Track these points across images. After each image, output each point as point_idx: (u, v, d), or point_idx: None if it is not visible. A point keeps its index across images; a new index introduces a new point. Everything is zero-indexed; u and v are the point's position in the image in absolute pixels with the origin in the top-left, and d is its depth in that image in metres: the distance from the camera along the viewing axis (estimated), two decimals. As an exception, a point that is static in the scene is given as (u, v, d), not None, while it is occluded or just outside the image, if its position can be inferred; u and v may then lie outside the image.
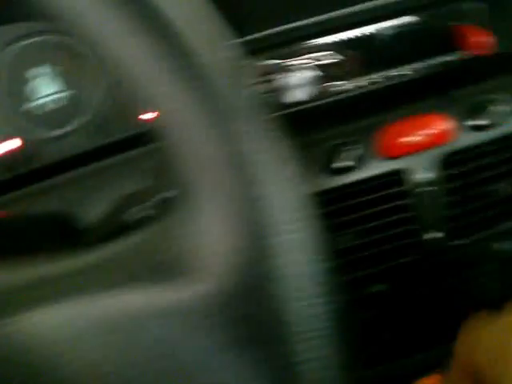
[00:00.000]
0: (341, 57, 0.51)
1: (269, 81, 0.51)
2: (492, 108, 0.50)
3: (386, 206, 0.50)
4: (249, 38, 0.49)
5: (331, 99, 0.53)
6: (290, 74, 0.51)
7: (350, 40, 0.51)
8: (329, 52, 0.51)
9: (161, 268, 0.23)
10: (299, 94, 0.51)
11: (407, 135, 0.49)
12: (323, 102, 0.53)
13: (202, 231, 0.23)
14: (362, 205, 0.50)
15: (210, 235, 0.22)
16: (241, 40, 0.50)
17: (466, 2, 0.52)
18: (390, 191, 0.50)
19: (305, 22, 0.49)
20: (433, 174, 0.50)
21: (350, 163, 0.49)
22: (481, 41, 0.51)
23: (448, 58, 0.53)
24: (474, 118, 0.50)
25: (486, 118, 0.50)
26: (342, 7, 0.49)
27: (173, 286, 0.22)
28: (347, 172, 0.49)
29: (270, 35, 0.49)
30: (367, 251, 0.51)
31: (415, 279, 0.53)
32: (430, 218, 0.51)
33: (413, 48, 0.53)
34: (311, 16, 0.49)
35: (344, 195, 0.50)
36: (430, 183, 0.50)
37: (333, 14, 0.49)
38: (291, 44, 0.50)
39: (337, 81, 0.52)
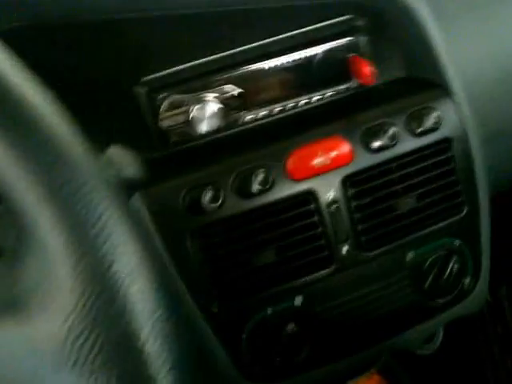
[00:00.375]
0: (245, 89, 0.56)
1: (179, 114, 0.55)
2: (386, 131, 0.54)
3: (299, 224, 0.54)
4: (159, 73, 0.53)
5: (239, 128, 0.57)
6: (199, 107, 0.55)
7: (252, 73, 0.56)
8: (234, 85, 0.55)
9: (5, 305, 0.25)
10: (208, 125, 0.55)
11: (312, 158, 0.53)
12: (232, 131, 0.57)
13: (46, 270, 0.25)
14: (277, 224, 0.54)
15: (52, 274, 0.25)
16: (152, 75, 0.54)
17: (355, 36, 0.57)
18: (302, 210, 0.54)
19: (210, 57, 0.53)
20: (339, 193, 0.54)
21: (262, 187, 0.52)
22: (370, 71, 0.55)
23: (343, 87, 0.58)
24: (371, 140, 0.54)
25: (381, 139, 0.54)
26: (245, 43, 0.54)
27: (18, 322, 0.25)
28: (260, 195, 0.52)
29: (178, 71, 0.53)
30: (284, 267, 0.55)
31: (331, 291, 0.57)
32: (340, 233, 0.55)
33: (309, 78, 0.58)
34: (216, 52, 0.54)
35: (259, 216, 0.53)
36: (337, 201, 0.54)
37: (236, 50, 0.53)
38: (198, 79, 0.55)
39: (242, 112, 0.57)
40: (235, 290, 0.54)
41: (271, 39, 0.56)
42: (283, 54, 0.56)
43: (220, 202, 0.51)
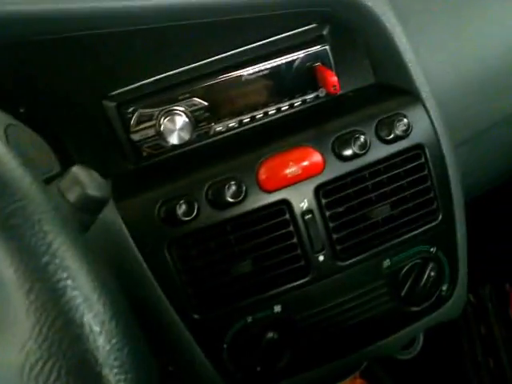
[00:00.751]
0: (213, 101, 0.56)
1: (149, 127, 0.55)
2: (357, 139, 0.54)
3: (274, 234, 0.54)
4: (126, 87, 0.53)
5: (210, 140, 0.57)
6: (169, 119, 0.55)
7: (220, 84, 0.56)
8: (202, 97, 0.55)
9: None
10: (179, 138, 0.55)
11: (284, 169, 0.53)
12: (202, 143, 0.57)
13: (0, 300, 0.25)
14: (252, 235, 0.54)
15: (7, 303, 0.25)
16: (120, 89, 0.54)
17: (321, 44, 0.57)
18: (276, 220, 0.54)
19: (177, 70, 0.53)
20: (313, 202, 0.54)
21: (235, 199, 0.52)
22: (336, 80, 0.55)
23: (311, 96, 0.58)
24: (342, 149, 0.54)
25: (352, 148, 0.54)
26: (211, 55, 0.54)
27: None
28: (234, 206, 0.52)
29: (145, 84, 0.53)
30: (262, 276, 0.54)
31: (309, 299, 0.57)
32: (316, 242, 0.55)
33: (277, 88, 0.58)
34: (183, 65, 0.53)
35: (234, 227, 0.53)
36: (311, 211, 0.54)
37: (203, 62, 0.53)
38: (166, 92, 0.54)
39: (212, 123, 0.57)
40: (214, 300, 0.54)
41: (237, 50, 0.55)
42: (250, 65, 0.56)
43: (195, 213, 0.51)
